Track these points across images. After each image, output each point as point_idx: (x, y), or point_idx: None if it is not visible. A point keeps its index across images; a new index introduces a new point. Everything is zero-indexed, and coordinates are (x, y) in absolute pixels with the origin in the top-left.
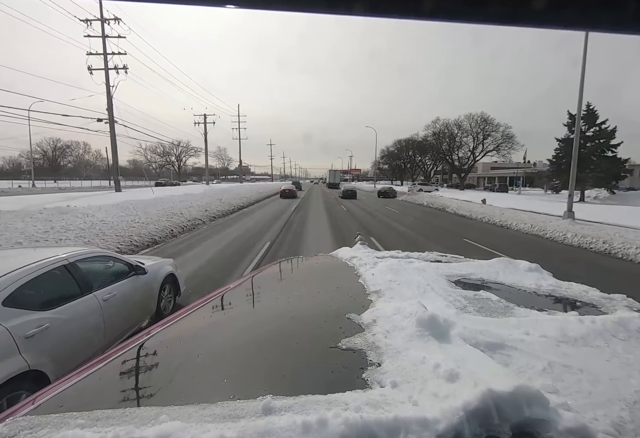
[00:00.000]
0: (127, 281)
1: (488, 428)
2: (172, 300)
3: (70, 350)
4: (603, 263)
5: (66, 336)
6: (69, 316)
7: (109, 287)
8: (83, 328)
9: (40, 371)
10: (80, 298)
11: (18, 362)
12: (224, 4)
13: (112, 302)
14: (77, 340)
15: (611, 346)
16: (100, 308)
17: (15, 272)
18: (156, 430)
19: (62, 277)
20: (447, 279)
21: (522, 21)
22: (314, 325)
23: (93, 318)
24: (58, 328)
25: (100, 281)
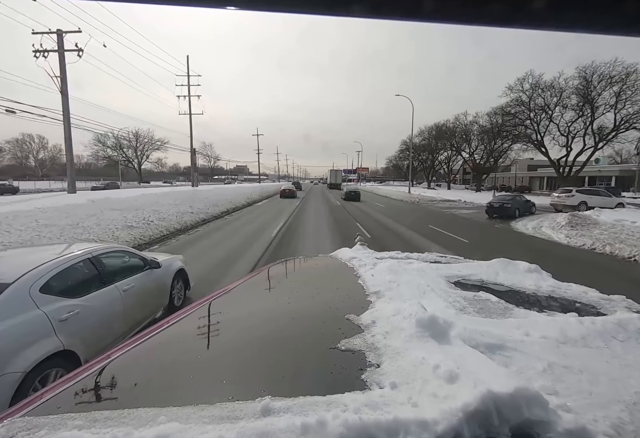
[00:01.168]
0: (144, 274)
1: (487, 429)
2: (182, 294)
3: (96, 335)
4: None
5: (93, 321)
6: (95, 304)
7: (128, 279)
8: (107, 315)
9: (72, 351)
10: (104, 289)
11: (54, 342)
12: (224, 5)
13: (131, 293)
14: (101, 325)
15: (611, 347)
16: (121, 298)
17: (49, 263)
18: (154, 432)
19: (88, 269)
20: (446, 280)
21: (521, 23)
22: (313, 326)
23: (115, 306)
24: (86, 314)
25: (120, 273)
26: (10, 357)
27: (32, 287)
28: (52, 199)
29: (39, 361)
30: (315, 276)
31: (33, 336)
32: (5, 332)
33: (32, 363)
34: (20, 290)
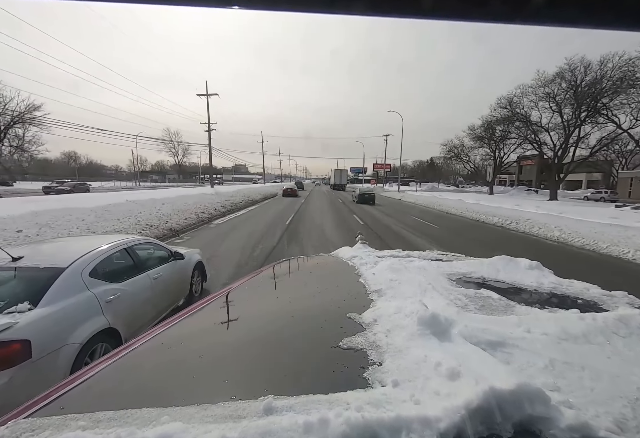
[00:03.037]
0: (169, 265)
1: (490, 426)
2: (200, 285)
3: (133, 316)
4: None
5: (131, 304)
6: (132, 289)
7: (157, 268)
8: (141, 299)
9: (115, 329)
10: (138, 276)
11: (102, 321)
12: (227, 5)
13: (160, 281)
14: (137, 308)
15: (612, 343)
16: (151, 285)
17: (95, 251)
18: (158, 431)
19: (125, 258)
20: (447, 278)
21: (521, 19)
22: (315, 325)
23: (147, 292)
24: (125, 297)
25: (150, 263)
26: (70, 331)
27: (83, 271)
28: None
29: (91, 336)
30: (317, 275)
31: (86, 314)
32: (65, 309)
33: (86, 337)
34: (74, 274)
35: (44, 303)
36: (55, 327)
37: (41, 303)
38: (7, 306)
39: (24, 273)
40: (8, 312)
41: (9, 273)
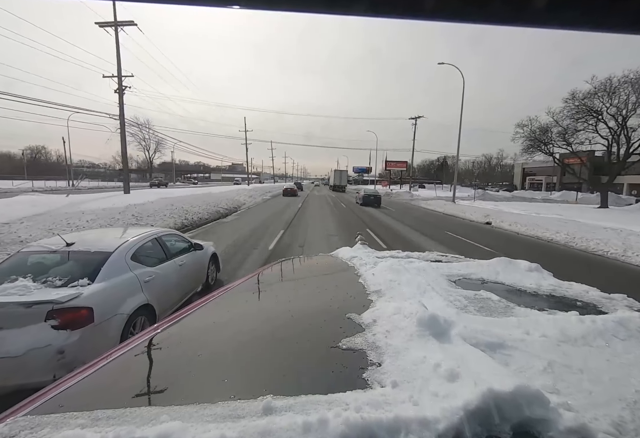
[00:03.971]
0: (190, 254)
1: (488, 428)
2: (214, 275)
3: (164, 296)
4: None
5: (163, 285)
6: (163, 272)
7: (181, 256)
8: (170, 282)
9: (151, 305)
10: (167, 262)
11: (142, 297)
12: (226, 4)
13: (184, 267)
14: (167, 289)
15: (611, 346)
16: (178, 270)
17: (133, 239)
18: (157, 430)
19: (156, 246)
20: (447, 279)
21: (523, 21)
22: (314, 325)
23: (174, 277)
24: (159, 279)
25: (175, 251)
26: (120, 304)
27: (126, 255)
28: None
29: (134, 309)
30: (316, 275)
31: (130, 290)
32: (115, 285)
33: (131, 309)
34: (119, 257)
35: (99, 280)
36: (109, 299)
37: (97, 280)
38: (70, 281)
39: (78, 255)
40: (72, 286)
41: (66, 255)
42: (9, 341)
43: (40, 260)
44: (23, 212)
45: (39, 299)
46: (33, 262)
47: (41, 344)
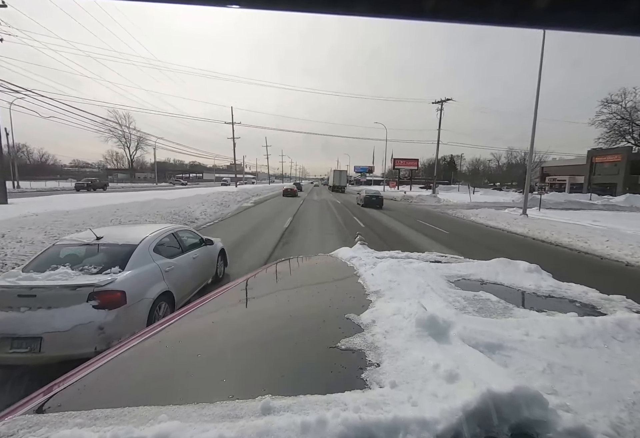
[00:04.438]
0: (202, 248)
1: (487, 429)
2: (222, 269)
3: (181, 285)
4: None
5: (180, 276)
6: (180, 264)
7: (194, 250)
8: (186, 273)
9: (171, 292)
10: (183, 255)
11: (163, 285)
12: (225, 4)
13: (197, 260)
14: (184, 279)
15: (610, 347)
16: (192, 263)
17: (154, 234)
18: (155, 430)
19: (172, 240)
20: (446, 280)
21: (523, 22)
22: (313, 325)
23: (189, 268)
24: (177, 270)
25: (189, 246)
26: (146, 289)
27: (149, 247)
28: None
29: (158, 294)
30: (315, 275)
31: (154, 278)
32: (141, 273)
33: (155, 295)
34: (144, 249)
35: (128, 268)
36: (137, 285)
37: (126, 268)
38: (103, 269)
39: (108, 247)
40: (106, 273)
41: (97, 247)
42: (58, 318)
43: (74, 251)
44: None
45: (82, 283)
46: (68, 253)
47: (85, 321)
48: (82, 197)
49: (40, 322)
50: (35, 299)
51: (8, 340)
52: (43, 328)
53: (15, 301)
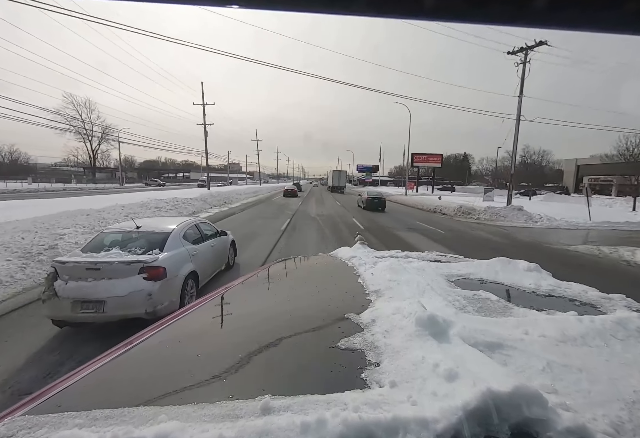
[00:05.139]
0: (218, 238)
1: (487, 428)
2: (233, 259)
3: (203, 267)
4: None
5: (202, 259)
6: (202, 250)
7: (212, 240)
8: (207, 258)
9: (196, 272)
10: (204, 243)
11: (191, 265)
12: (225, 4)
13: (215, 248)
14: (205, 263)
15: (610, 346)
16: (211, 250)
17: (182, 224)
18: (155, 430)
19: (195, 230)
20: (446, 279)
21: (523, 21)
22: (313, 325)
23: (209, 254)
24: (200, 254)
25: (208, 236)
26: (179, 267)
27: (180, 234)
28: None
29: (188, 272)
30: (315, 275)
31: (184, 259)
32: (175, 255)
33: (186, 272)
34: (175, 235)
35: (166, 250)
36: (173, 264)
37: (164, 250)
38: (147, 250)
39: (147, 234)
40: (149, 254)
41: (138, 234)
42: (117, 286)
43: (119, 237)
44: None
45: (134, 259)
46: (115, 239)
47: (137, 289)
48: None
49: (104, 289)
50: (100, 272)
51: (79, 303)
52: (106, 294)
53: (84, 273)
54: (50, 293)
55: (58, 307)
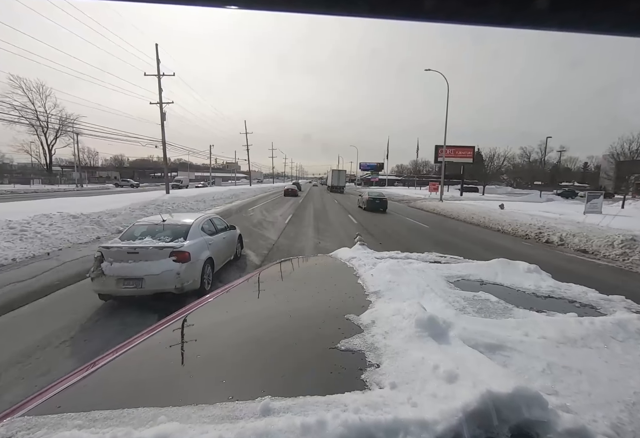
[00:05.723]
0: (228, 232)
1: (487, 429)
2: (240, 251)
3: (217, 255)
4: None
5: (217, 249)
6: (216, 241)
7: (223, 232)
8: (220, 248)
9: (212, 258)
10: (217, 235)
11: (208, 253)
12: (224, 4)
13: (226, 240)
14: (219, 252)
15: (610, 347)
16: (222, 241)
17: (200, 218)
18: (154, 431)
19: (210, 224)
20: (446, 280)
21: (522, 22)
22: (312, 326)
23: (222, 244)
24: (215, 244)
25: (220, 229)
26: (200, 253)
27: (199, 226)
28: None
29: (206, 258)
30: (315, 276)
31: (203, 247)
32: (196, 243)
33: (205, 258)
34: (195, 227)
35: (189, 238)
36: (195, 250)
37: (188, 238)
38: (173, 239)
39: (172, 226)
40: (176, 241)
41: (164, 226)
42: (153, 266)
43: (149, 228)
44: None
45: (166, 245)
46: (146, 230)
47: (168, 269)
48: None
49: (142, 269)
50: (138, 255)
51: (121, 280)
52: (144, 273)
53: (125, 256)
54: (98, 273)
55: (105, 283)
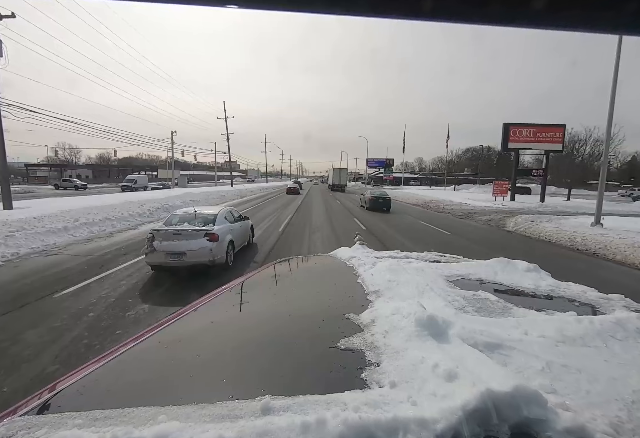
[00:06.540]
0: (243, 222)
1: (486, 428)
2: (251, 239)
3: (237, 239)
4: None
5: (236, 234)
6: (235, 227)
7: (239, 222)
8: (239, 233)
9: (233, 241)
10: (236, 223)
11: (230, 236)
12: (224, 4)
13: (242, 228)
14: (238, 236)
15: (609, 346)
16: (239, 228)
17: (223, 209)
18: (154, 431)
19: (229, 214)
20: (445, 279)
21: (522, 21)
22: (312, 325)
23: (239, 231)
24: (235, 230)
25: (237, 218)
26: (225, 236)
27: (223, 216)
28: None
29: (229, 240)
30: (315, 275)
31: (227, 231)
32: (222, 228)
33: (229, 239)
34: (221, 216)
35: (216, 224)
36: (222, 233)
37: (216, 224)
38: (205, 224)
39: (202, 215)
40: (207, 226)
41: (196, 215)
42: (192, 244)
43: (184, 217)
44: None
45: (201, 228)
46: (182, 218)
47: (204, 246)
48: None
49: (184, 245)
50: (181, 235)
51: (169, 254)
52: (185, 248)
53: (171, 236)
54: (151, 249)
55: (156, 256)
